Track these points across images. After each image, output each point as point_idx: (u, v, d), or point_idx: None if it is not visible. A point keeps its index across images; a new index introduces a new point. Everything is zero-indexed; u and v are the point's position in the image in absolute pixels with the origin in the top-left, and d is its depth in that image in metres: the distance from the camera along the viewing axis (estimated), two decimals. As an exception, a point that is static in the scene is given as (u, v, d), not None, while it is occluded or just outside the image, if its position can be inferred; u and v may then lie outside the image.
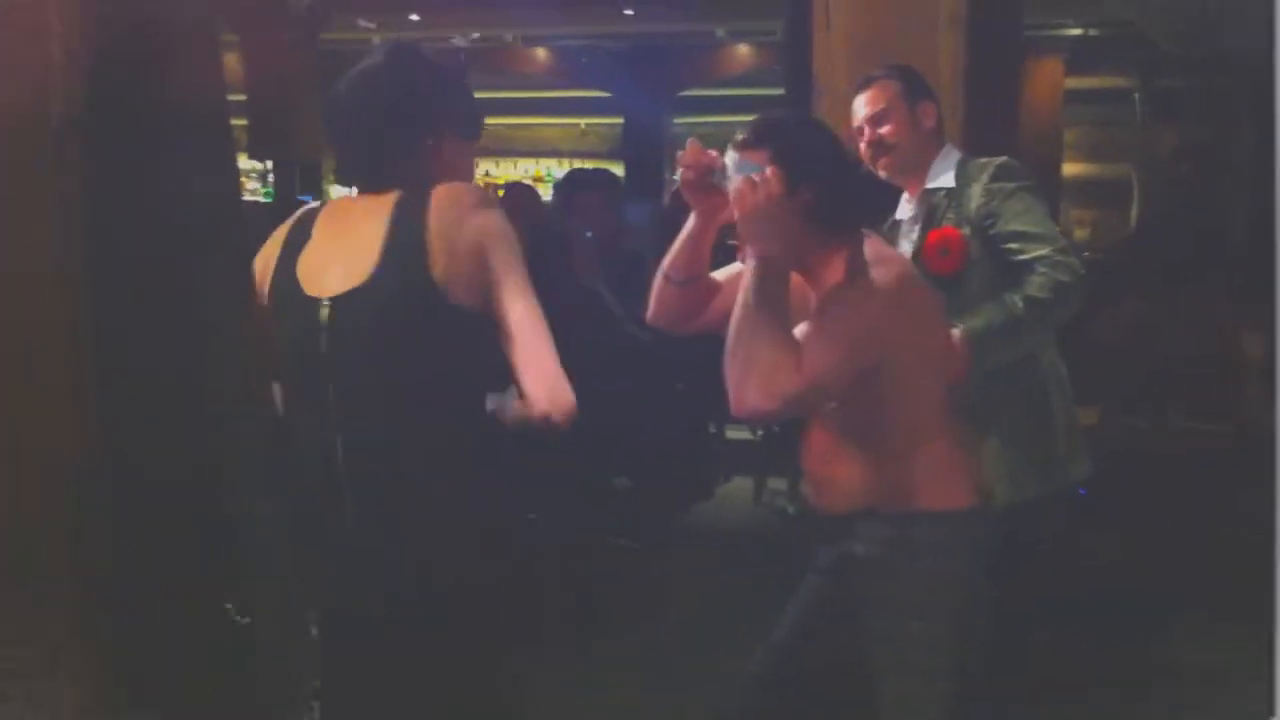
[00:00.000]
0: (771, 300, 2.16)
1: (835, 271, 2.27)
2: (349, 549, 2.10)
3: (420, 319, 2.06)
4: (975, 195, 2.89)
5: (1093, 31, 11.61)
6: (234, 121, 13.03)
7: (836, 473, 2.38)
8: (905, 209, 3.06)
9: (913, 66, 3.03)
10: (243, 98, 11.81)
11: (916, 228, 2.98)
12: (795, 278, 2.31)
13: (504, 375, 2.14)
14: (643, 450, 4.89)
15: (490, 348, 2.12)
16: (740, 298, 2.18)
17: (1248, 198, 9.83)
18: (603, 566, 4.72)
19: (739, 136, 2.31)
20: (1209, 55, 9.79)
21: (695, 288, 2.48)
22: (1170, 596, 4.32)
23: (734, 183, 2.23)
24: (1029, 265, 2.79)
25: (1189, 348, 5.19)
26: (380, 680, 2.18)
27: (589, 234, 4.90)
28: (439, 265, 2.04)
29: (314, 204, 2.30)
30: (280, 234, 2.25)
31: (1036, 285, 2.77)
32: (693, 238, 2.44)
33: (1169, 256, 7.12)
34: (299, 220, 2.26)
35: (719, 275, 2.52)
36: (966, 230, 2.87)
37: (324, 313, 2.10)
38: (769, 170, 2.20)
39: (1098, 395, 4.75)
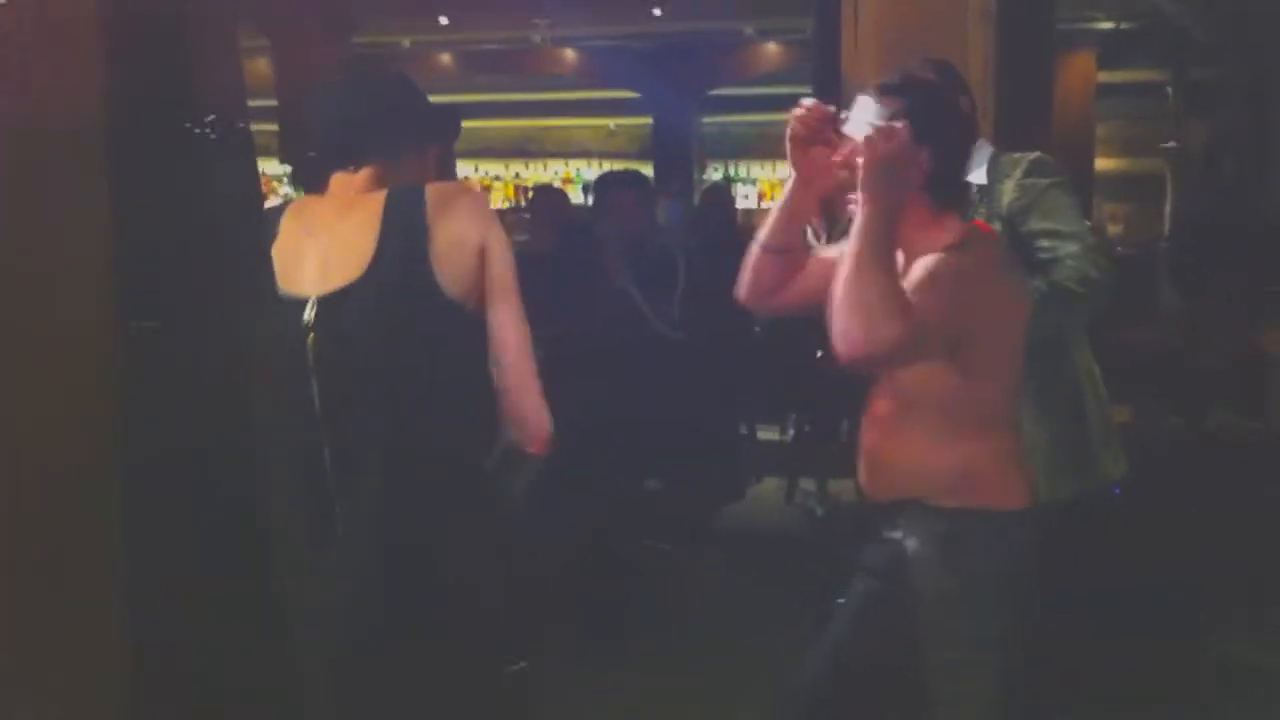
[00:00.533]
0: (882, 249, 2.14)
1: (934, 241, 2.26)
2: (341, 558, 2.09)
3: (421, 312, 2.07)
4: (1008, 191, 2.88)
5: (1125, 25, 11.51)
6: (266, 126, 13.18)
7: (894, 452, 2.36)
8: None
9: (948, 62, 3.01)
10: (274, 102, 11.86)
11: None
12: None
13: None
14: (674, 451, 4.89)
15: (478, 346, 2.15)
16: (851, 245, 2.16)
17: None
18: (635, 568, 4.72)
19: (877, 83, 2.34)
20: (1242, 47, 9.71)
21: (789, 259, 2.46)
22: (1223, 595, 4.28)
23: (865, 129, 2.24)
24: (1058, 259, 2.79)
25: (1227, 345, 5.15)
26: (379, 685, 2.16)
27: (620, 235, 4.90)
28: (440, 261, 2.06)
29: (274, 204, 2.33)
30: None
31: (1063, 275, 2.77)
32: (791, 202, 2.42)
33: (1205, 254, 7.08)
34: (266, 219, 2.27)
35: (819, 254, 2.52)
36: (998, 225, 2.86)
37: (309, 312, 2.09)
38: (901, 123, 2.20)
39: (1132, 394, 4.71)
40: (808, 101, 2.36)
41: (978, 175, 2.94)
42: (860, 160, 2.19)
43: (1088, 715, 3.57)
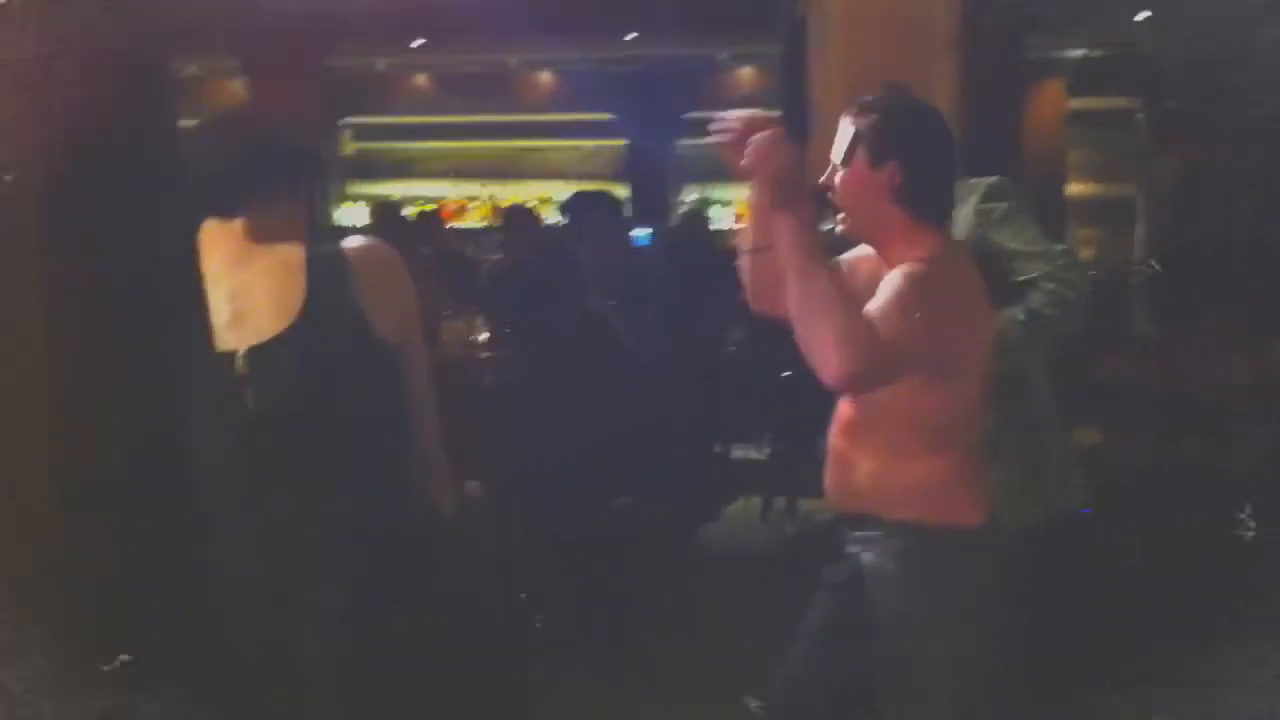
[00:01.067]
0: (822, 270, 2.16)
1: (911, 253, 2.28)
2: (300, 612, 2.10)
3: (358, 354, 2.10)
4: (966, 218, 2.89)
5: (1095, 53, 11.62)
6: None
7: (856, 462, 2.37)
8: None
9: (906, 87, 3.04)
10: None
11: None
12: (868, 262, 2.35)
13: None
14: (646, 469, 4.90)
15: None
16: (793, 267, 2.16)
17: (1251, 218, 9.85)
18: (613, 586, 4.72)
19: (859, 101, 2.37)
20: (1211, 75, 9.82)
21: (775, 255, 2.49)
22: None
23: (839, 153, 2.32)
24: (1032, 283, 2.79)
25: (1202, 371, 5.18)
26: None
27: (593, 254, 4.92)
28: (369, 303, 2.11)
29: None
30: None
31: (1039, 301, 2.77)
32: (756, 203, 2.43)
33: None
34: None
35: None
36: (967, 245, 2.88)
37: (240, 364, 2.08)
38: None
39: (1102, 418, 4.74)
40: (733, 118, 2.39)
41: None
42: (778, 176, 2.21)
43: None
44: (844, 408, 2.40)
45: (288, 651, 2.15)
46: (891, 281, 2.23)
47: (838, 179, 2.34)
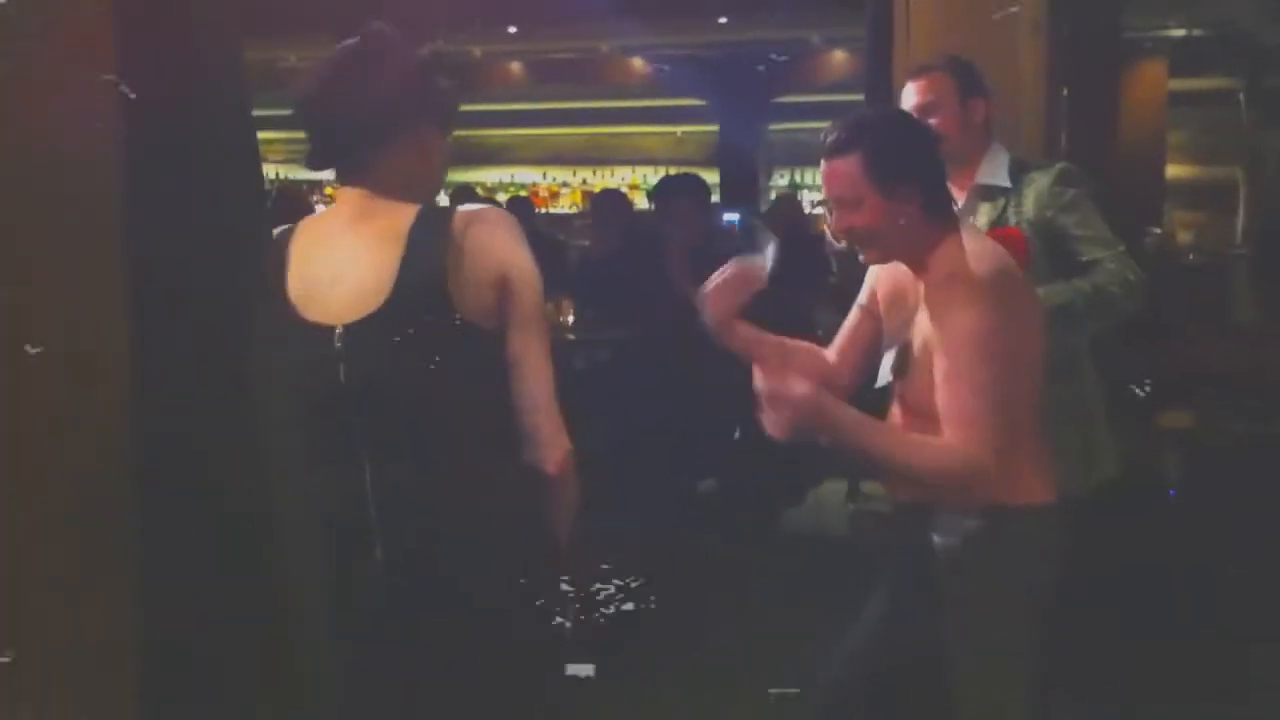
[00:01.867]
0: (880, 439, 2.26)
1: (943, 261, 2.29)
2: (380, 587, 2.07)
3: (442, 341, 2.02)
4: (1035, 197, 2.93)
5: (1196, 32, 11.38)
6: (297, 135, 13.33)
7: None
8: None
9: (968, 60, 3.05)
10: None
11: (968, 220, 3.00)
12: (890, 281, 2.36)
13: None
14: (732, 453, 4.94)
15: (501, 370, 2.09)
16: (858, 440, 2.25)
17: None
18: (694, 570, 4.76)
19: (826, 139, 2.33)
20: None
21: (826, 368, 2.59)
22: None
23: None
24: (1096, 262, 2.83)
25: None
26: (402, 695, 2.13)
27: (681, 238, 4.96)
28: (458, 291, 2.01)
29: (287, 225, 2.22)
30: (275, 254, 2.16)
31: (1105, 277, 2.81)
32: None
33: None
34: (276, 243, 2.18)
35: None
36: (1025, 228, 2.90)
37: (337, 341, 2.04)
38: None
39: (1191, 399, 4.69)
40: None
41: (1000, 178, 2.97)
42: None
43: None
44: (898, 408, 2.42)
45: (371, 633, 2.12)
46: (955, 354, 2.23)
47: (853, 223, 2.32)
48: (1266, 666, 3.98)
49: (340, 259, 2.08)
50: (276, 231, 2.20)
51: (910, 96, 3.03)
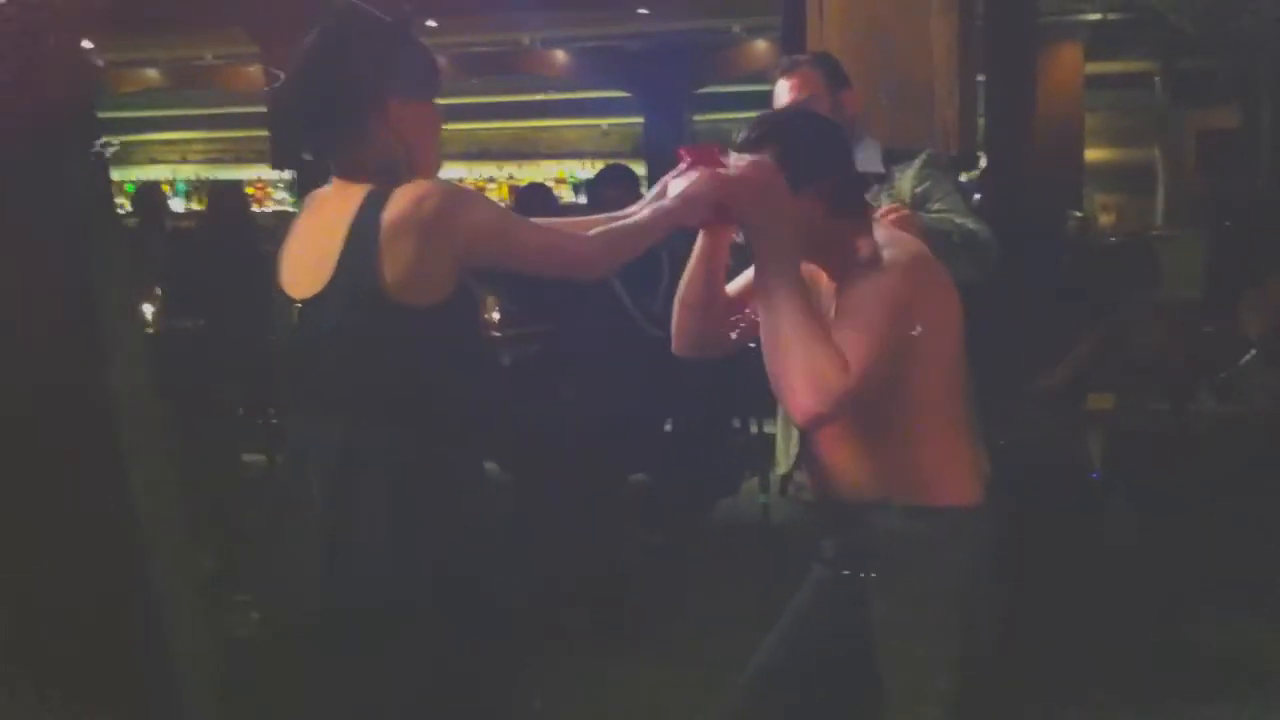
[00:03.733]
0: (795, 300, 2.11)
1: (853, 257, 2.25)
2: (321, 559, 2.06)
3: (370, 329, 2.02)
4: (910, 179, 3.02)
5: (1112, 16, 11.54)
6: (258, 133, 13.11)
7: (846, 459, 2.33)
8: None
9: (833, 56, 3.08)
10: (263, 109, 11.90)
11: None
12: (807, 273, 2.33)
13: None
14: (662, 446, 4.92)
15: (445, 348, 2.08)
16: (762, 308, 2.14)
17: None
18: (627, 563, 4.75)
19: (740, 137, 2.30)
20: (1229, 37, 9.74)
21: (716, 310, 2.43)
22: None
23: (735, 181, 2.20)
24: (958, 226, 2.90)
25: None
26: (356, 690, 2.12)
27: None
28: (391, 271, 1.98)
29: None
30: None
31: (972, 223, 2.88)
32: (704, 258, 2.38)
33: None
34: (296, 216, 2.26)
35: (733, 289, 2.45)
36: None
37: (295, 315, 2.09)
38: (760, 159, 2.18)
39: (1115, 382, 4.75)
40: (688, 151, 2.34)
41: (875, 165, 3.01)
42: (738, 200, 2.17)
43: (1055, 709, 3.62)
44: None
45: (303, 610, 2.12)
46: (858, 304, 2.16)
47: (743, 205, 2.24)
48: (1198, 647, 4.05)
49: (304, 238, 2.14)
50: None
51: (784, 93, 3.03)
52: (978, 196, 6.12)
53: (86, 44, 2.60)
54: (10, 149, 2.29)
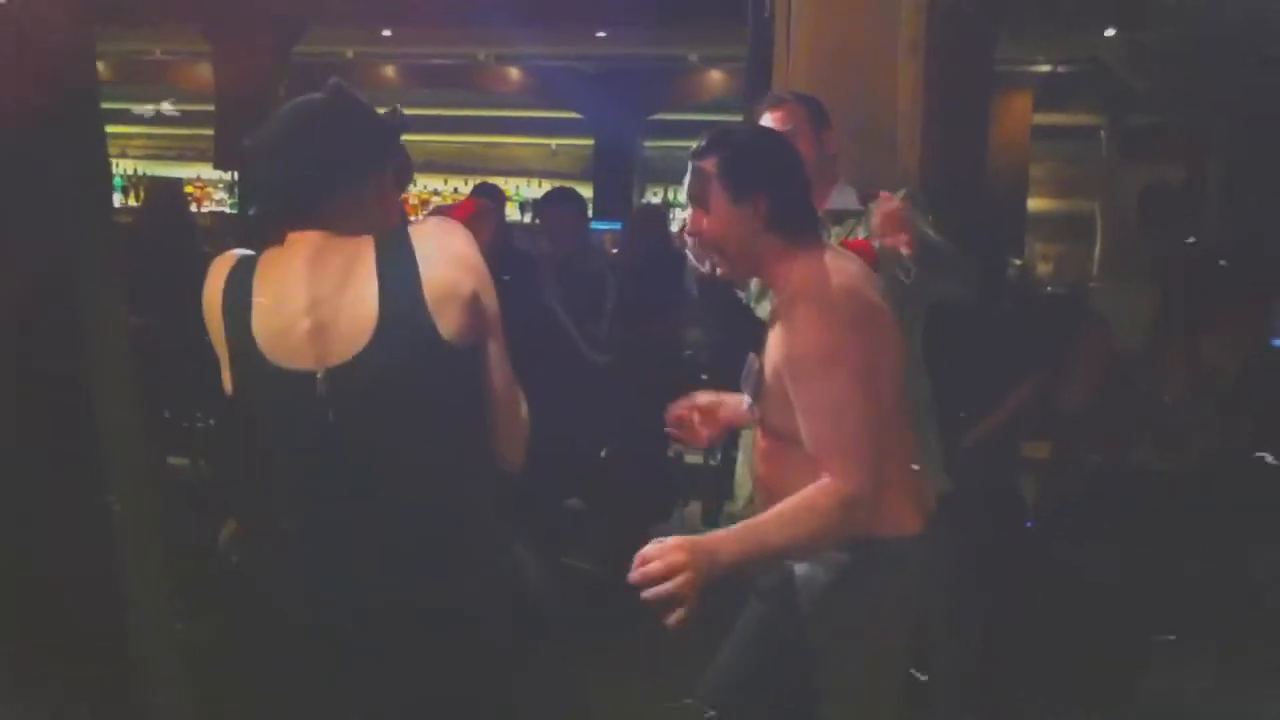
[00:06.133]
0: (762, 544, 2.18)
1: (792, 281, 2.26)
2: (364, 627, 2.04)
3: (433, 371, 2.00)
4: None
5: (1061, 68, 11.70)
6: (203, 131, 12.98)
7: (784, 485, 2.30)
8: None
9: (815, 97, 3.08)
10: (211, 107, 11.74)
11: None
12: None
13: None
14: (598, 472, 4.88)
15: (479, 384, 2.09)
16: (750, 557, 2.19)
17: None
18: (562, 589, 4.69)
19: (694, 147, 2.35)
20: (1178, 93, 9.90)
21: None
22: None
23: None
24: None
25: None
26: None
27: (553, 252, 4.91)
28: (438, 310, 1.98)
29: (239, 256, 2.11)
30: (215, 297, 2.07)
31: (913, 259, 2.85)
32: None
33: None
34: (231, 280, 2.07)
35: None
36: (877, 244, 2.91)
37: (320, 386, 1.99)
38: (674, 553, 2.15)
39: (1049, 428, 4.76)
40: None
41: (850, 202, 3.01)
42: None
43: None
44: (762, 437, 2.38)
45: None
46: (814, 378, 2.19)
47: (701, 225, 2.33)
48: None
49: (311, 302, 2.02)
50: (230, 267, 2.08)
51: (768, 125, 3.04)
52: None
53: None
54: (11, 143, 2.21)
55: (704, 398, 2.62)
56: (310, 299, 2.01)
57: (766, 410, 2.33)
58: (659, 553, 2.04)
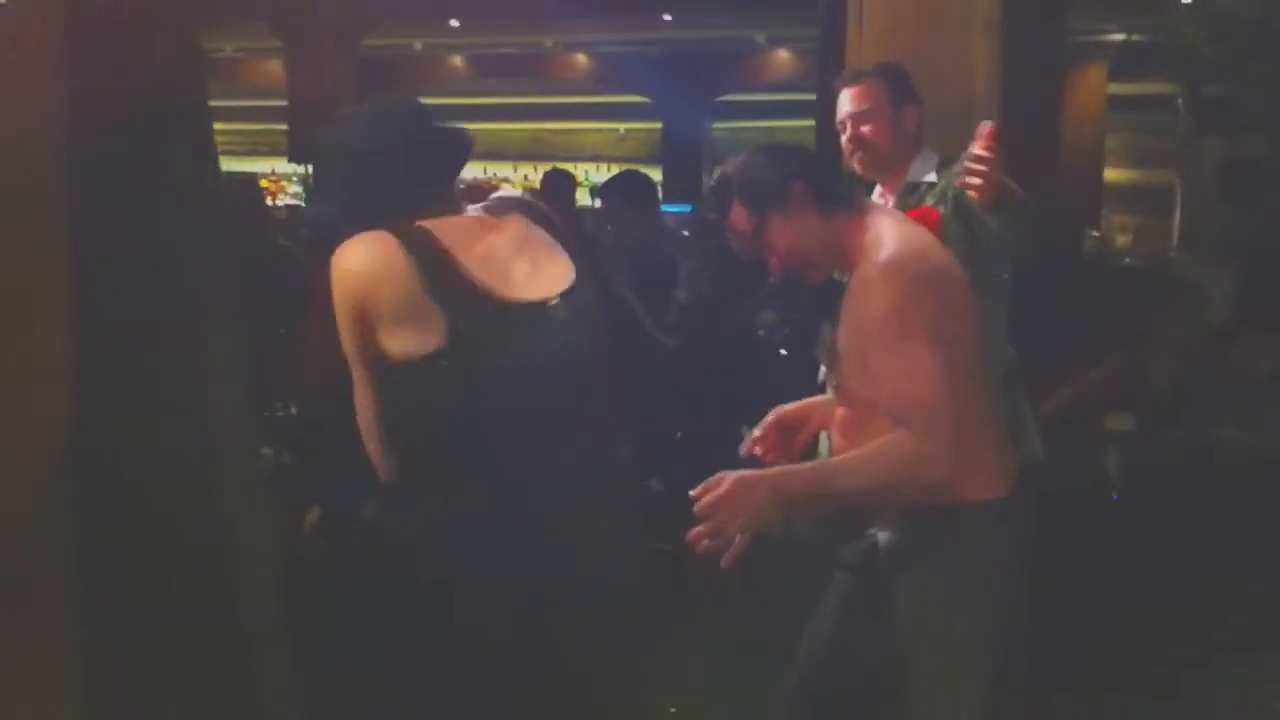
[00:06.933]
0: (837, 483, 2.20)
1: (864, 245, 2.25)
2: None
3: (603, 321, 2.16)
4: (953, 174, 2.90)
5: (1136, 37, 11.51)
6: (277, 126, 13.12)
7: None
8: (878, 202, 3.08)
9: (901, 68, 3.03)
10: (284, 103, 11.90)
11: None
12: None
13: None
14: (673, 452, 4.87)
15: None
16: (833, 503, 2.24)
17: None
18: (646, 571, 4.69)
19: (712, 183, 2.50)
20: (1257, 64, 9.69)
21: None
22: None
23: None
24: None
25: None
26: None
27: (621, 239, 4.91)
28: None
29: (394, 230, 2.08)
30: (394, 264, 2.01)
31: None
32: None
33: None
34: (410, 247, 2.03)
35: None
36: (945, 211, 2.86)
37: (556, 312, 2.09)
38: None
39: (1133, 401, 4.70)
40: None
41: (929, 176, 2.96)
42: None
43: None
44: (841, 408, 2.36)
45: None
46: (885, 340, 2.17)
47: (763, 251, 2.35)
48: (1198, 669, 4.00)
49: (513, 251, 2.14)
50: (404, 235, 2.07)
51: (845, 104, 3.01)
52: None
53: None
54: (121, 142, 2.25)
55: (786, 412, 2.59)
56: (510, 249, 2.11)
57: (843, 379, 2.32)
58: (708, 485, 2.07)
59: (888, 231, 2.25)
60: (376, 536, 2.22)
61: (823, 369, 2.44)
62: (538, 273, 2.10)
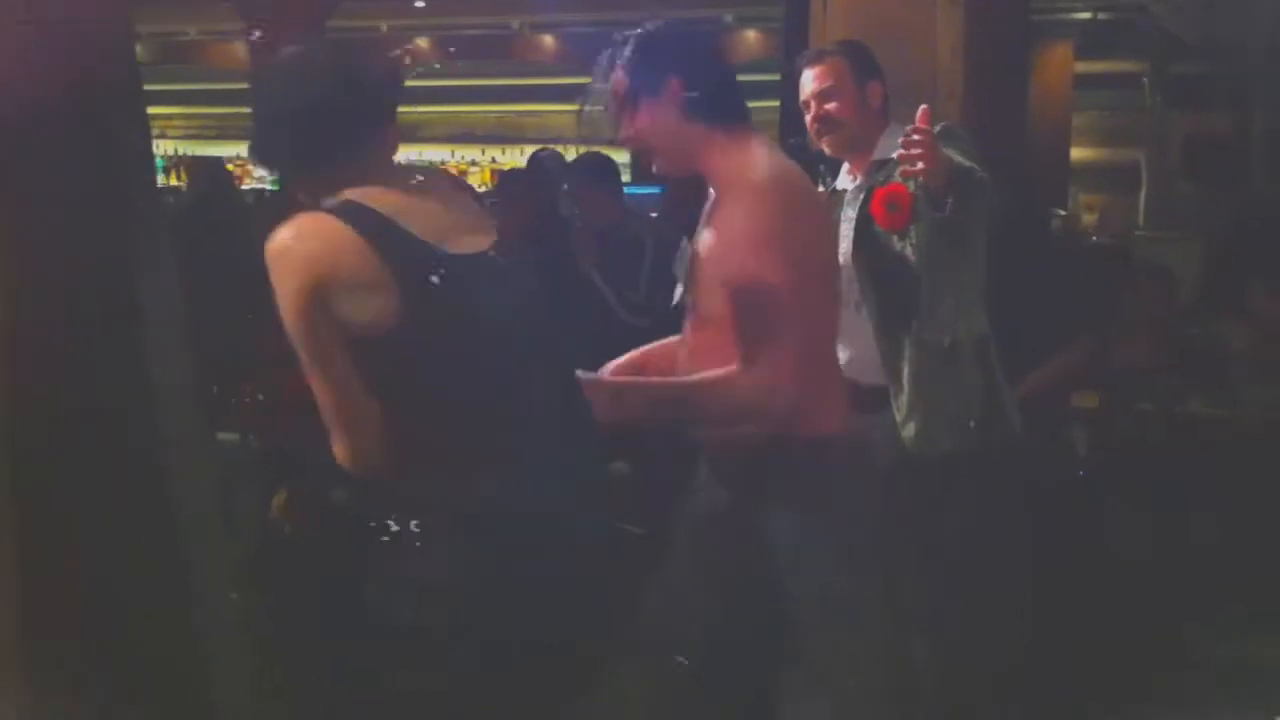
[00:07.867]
0: (657, 400, 2.32)
1: (729, 169, 2.28)
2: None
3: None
4: None
5: (1103, 15, 11.53)
6: (240, 110, 13.05)
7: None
8: (846, 180, 3.09)
9: (863, 44, 3.02)
10: (247, 86, 11.80)
11: (861, 196, 2.97)
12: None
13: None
14: (638, 435, 4.86)
15: None
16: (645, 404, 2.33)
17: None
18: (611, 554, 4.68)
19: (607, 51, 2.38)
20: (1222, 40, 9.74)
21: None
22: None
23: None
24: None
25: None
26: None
27: (588, 220, 4.90)
28: None
29: (331, 207, 2.00)
30: (341, 237, 1.93)
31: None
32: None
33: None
34: (351, 218, 1.96)
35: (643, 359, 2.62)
36: (913, 187, 2.85)
37: (494, 262, 2.11)
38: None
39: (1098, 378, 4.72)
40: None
41: (895, 151, 2.95)
42: None
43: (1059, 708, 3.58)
44: (691, 342, 2.38)
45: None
46: (741, 263, 2.18)
47: (631, 127, 2.34)
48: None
49: (442, 208, 2.10)
50: (326, 218, 1.99)
51: (808, 83, 3.02)
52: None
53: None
54: (56, 128, 2.22)
55: (619, 364, 2.62)
56: (440, 206, 2.06)
57: (697, 297, 2.33)
58: None
59: (757, 154, 2.28)
60: (345, 518, 2.21)
61: (679, 289, 2.44)
62: (470, 227, 2.08)
